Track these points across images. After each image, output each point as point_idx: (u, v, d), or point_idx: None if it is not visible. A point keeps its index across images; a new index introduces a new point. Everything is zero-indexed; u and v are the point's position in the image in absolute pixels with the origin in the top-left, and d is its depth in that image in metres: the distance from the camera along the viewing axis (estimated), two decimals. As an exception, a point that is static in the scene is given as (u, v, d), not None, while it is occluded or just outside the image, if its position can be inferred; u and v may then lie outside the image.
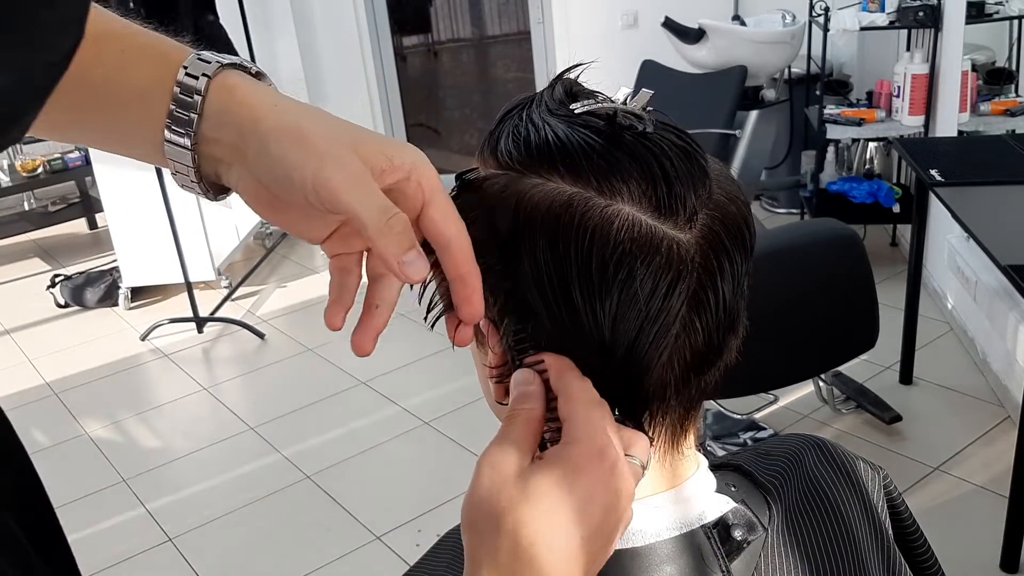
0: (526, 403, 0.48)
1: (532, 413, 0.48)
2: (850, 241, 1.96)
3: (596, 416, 0.47)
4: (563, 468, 0.45)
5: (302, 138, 0.46)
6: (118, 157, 2.02)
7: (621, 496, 0.46)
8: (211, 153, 0.49)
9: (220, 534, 2.49)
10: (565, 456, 0.46)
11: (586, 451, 0.45)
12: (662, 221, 0.49)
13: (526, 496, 0.44)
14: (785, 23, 4.00)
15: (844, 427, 2.65)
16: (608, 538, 0.46)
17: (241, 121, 0.47)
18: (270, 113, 0.47)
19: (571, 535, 0.44)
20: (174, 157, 0.49)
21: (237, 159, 0.48)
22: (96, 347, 3.73)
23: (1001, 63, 3.33)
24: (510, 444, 0.46)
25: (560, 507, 0.44)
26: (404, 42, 5.50)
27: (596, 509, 0.45)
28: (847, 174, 3.87)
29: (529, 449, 0.47)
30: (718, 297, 0.51)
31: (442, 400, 3.01)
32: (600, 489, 0.45)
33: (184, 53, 0.49)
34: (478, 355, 0.56)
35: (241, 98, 0.48)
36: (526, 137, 0.51)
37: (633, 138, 0.50)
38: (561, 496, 0.44)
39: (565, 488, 0.44)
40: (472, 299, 0.48)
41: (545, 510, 0.44)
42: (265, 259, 4.44)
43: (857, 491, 0.65)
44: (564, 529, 0.44)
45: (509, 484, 0.45)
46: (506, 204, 0.50)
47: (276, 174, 0.46)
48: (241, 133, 0.47)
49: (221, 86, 0.48)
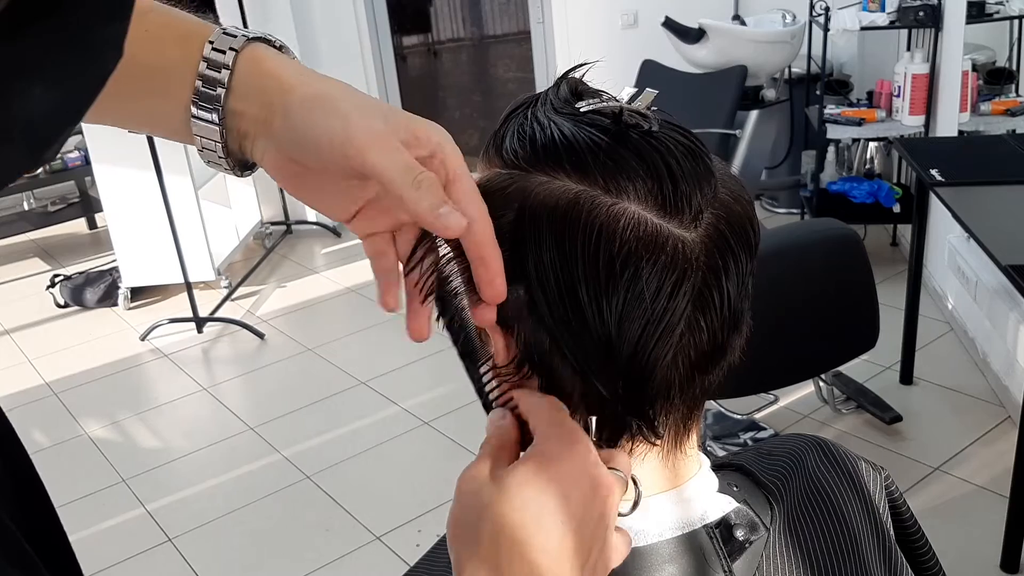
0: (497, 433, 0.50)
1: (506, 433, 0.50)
2: (850, 241, 1.96)
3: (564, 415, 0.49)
4: (536, 460, 0.46)
5: (330, 104, 0.47)
6: (118, 157, 2.02)
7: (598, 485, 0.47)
8: (237, 126, 0.49)
9: (220, 534, 2.49)
10: (537, 450, 0.47)
11: (556, 444, 0.47)
12: (668, 220, 0.49)
13: (503, 492, 0.45)
14: (785, 23, 4.00)
15: (844, 427, 2.65)
16: (596, 527, 0.46)
17: (269, 92, 0.48)
18: (297, 82, 0.48)
19: (549, 523, 0.45)
20: (201, 133, 0.49)
21: (263, 131, 0.49)
22: (96, 347, 3.73)
23: (1001, 63, 3.33)
24: (485, 457, 0.48)
25: (538, 497, 0.45)
26: (404, 42, 5.50)
27: (574, 500, 0.45)
28: (847, 174, 3.87)
29: (505, 460, 0.48)
30: (723, 296, 0.51)
31: (442, 400, 3.01)
32: (574, 478, 0.46)
33: (207, 29, 0.49)
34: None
35: (268, 70, 0.48)
36: (532, 135, 0.51)
37: (639, 137, 0.50)
38: (538, 485, 0.45)
39: (541, 478, 0.45)
40: (495, 281, 0.48)
41: (520, 502, 0.45)
42: (265, 259, 4.44)
43: (858, 491, 0.65)
44: (542, 517, 0.45)
45: (485, 486, 0.46)
46: (512, 202, 0.50)
47: (303, 140, 0.47)
48: (268, 104, 0.48)
49: (248, 59, 0.48)
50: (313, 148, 0.47)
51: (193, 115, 0.49)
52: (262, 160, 0.50)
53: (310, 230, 4.80)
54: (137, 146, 3.48)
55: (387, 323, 3.57)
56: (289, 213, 4.78)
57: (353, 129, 0.46)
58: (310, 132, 0.47)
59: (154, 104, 0.51)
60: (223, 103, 0.48)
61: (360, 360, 3.35)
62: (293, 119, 0.47)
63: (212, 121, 0.49)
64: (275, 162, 0.49)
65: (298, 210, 4.81)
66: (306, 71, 0.49)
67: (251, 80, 0.48)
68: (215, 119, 0.48)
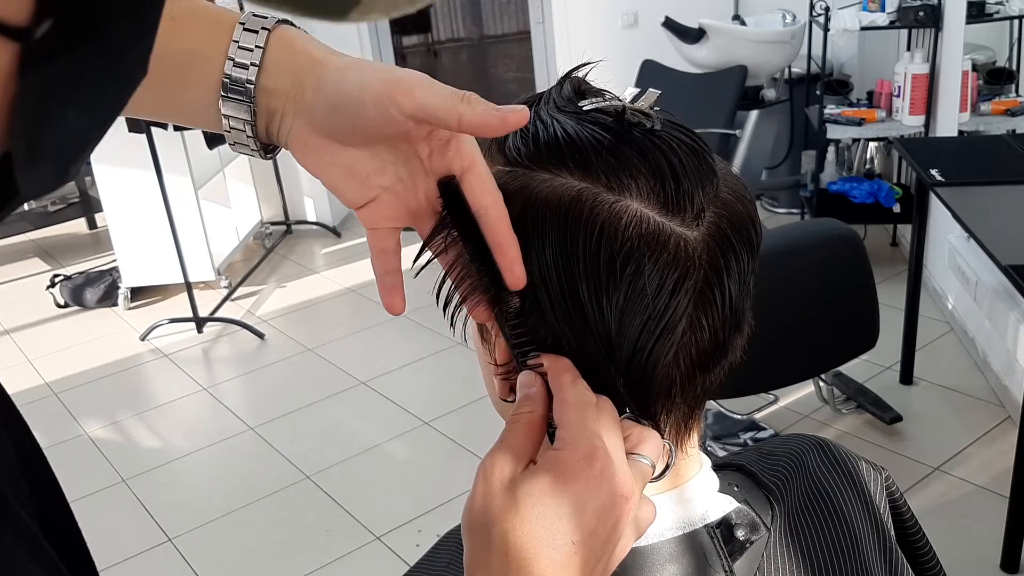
0: (526, 406, 0.49)
1: (532, 417, 0.48)
2: (850, 241, 1.96)
3: (588, 418, 0.47)
4: (552, 475, 0.45)
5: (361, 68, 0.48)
6: (118, 157, 2.02)
7: (616, 498, 0.45)
8: (266, 104, 0.50)
9: (220, 534, 2.49)
10: (554, 461, 0.46)
11: (574, 456, 0.45)
12: (670, 218, 0.49)
13: (515, 505, 0.44)
14: (785, 23, 4.00)
15: (844, 427, 2.65)
16: (608, 539, 0.46)
17: (299, 66, 0.49)
18: (326, 57, 0.49)
19: (560, 542, 0.44)
20: (232, 113, 0.50)
21: (291, 107, 0.49)
22: (96, 347, 3.73)
23: (1001, 63, 3.33)
24: (505, 451, 0.47)
25: (548, 514, 0.44)
26: (404, 42, 5.50)
27: (589, 513, 0.45)
28: (847, 174, 3.87)
29: (525, 455, 0.47)
30: (724, 295, 0.51)
31: (442, 400, 3.01)
32: (591, 494, 0.45)
33: (234, 15, 0.50)
34: (482, 352, 0.56)
35: (300, 47, 0.50)
36: (535, 133, 0.51)
37: (642, 135, 0.50)
38: (550, 503, 0.44)
39: (554, 495, 0.44)
40: (514, 268, 0.48)
41: (533, 518, 0.44)
42: (265, 259, 4.44)
43: (859, 491, 0.65)
44: (552, 536, 0.44)
45: (499, 493, 0.45)
46: (514, 199, 0.50)
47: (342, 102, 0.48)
48: (298, 78, 0.49)
49: (279, 38, 0.50)
50: (353, 106, 0.48)
51: (223, 95, 0.49)
52: (287, 137, 0.50)
53: (310, 230, 4.80)
54: (137, 146, 3.48)
55: (387, 323, 3.57)
56: (289, 213, 4.78)
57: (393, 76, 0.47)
58: (350, 92, 0.48)
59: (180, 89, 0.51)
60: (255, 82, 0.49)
61: (360, 360, 3.35)
62: (327, 88, 0.48)
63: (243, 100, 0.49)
64: (300, 137, 0.50)
65: (298, 210, 4.81)
66: (328, 48, 0.51)
67: (283, 56, 0.49)
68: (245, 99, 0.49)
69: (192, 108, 0.52)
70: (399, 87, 0.47)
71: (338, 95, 0.48)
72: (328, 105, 0.48)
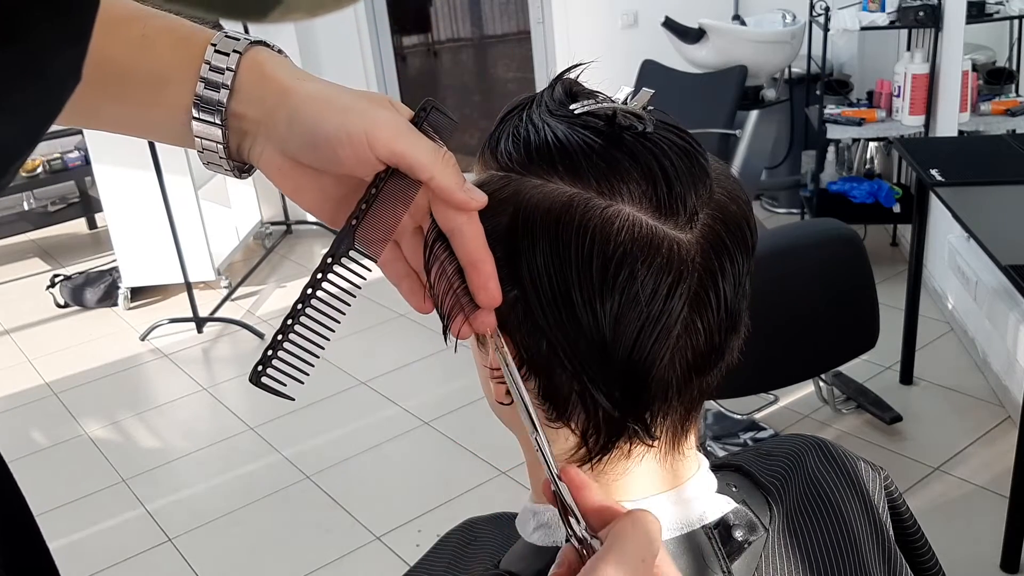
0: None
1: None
2: (850, 241, 1.96)
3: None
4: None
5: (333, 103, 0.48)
6: (118, 157, 2.02)
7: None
8: (238, 127, 0.50)
9: (220, 534, 2.49)
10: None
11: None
12: (663, 221, 0.49)
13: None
14: (785, 23, 4.00)
15: (844, 427, 2.65)
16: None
17: (269, 95, 0.49)
18: (296, 85, 0.49)
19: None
20: (203, 135, 0.50)
21: (262, 133, 0.49)
22: (96, 347, 3.73)
23: (1001, 63, 3.32)
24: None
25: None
26: (404, 42, 5.50)
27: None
28: (847, 174, 3.87)
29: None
30: (719, 297, 0.51)
31: (442, 400, 3.01)
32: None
33: (206, 33, 0.50)
34: (479, 355, 0.56)
35: (270, 73, 0.49)
36: (526, 138, 0.51)
37: (633, 138, 0.50)
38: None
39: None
40: (488, 285, 0.48)
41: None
42: (265, 259, 4.44)
43: (858, 492, 0.64)
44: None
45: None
46: (506, 205, 0.50)
47: (313, 139, 0.48)
48: (268, 107, 0.49)
49: (251, 62, 0.49)
50: (330, 146, 0.48)
51: (195, 117, 0.49)
52: (259, 160, 0.50)
53: (310, 230, 4.80)
54: (137, 146, 3.48)
55: (387, 323, 3.57)
56: (289, 213, 4.78)
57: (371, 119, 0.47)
58: (328, 132, 0.47)
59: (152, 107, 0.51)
60: (226, 104, 0.48)
61: (360, 360, 3.35)
62: (302, 125, 0.48)
63: (214, 123, 0.49)
64: (271, 162, 0.50)
65: (298, 210, 4.81)
66: (298, 72, 0.50)
67: (252, 82, 0.49)
68: (218, 120, 0.49)
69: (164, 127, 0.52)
70: (379, 133, 0.47)
71: (312, 135, 0.48)
72: (303, 141, 0.48)
